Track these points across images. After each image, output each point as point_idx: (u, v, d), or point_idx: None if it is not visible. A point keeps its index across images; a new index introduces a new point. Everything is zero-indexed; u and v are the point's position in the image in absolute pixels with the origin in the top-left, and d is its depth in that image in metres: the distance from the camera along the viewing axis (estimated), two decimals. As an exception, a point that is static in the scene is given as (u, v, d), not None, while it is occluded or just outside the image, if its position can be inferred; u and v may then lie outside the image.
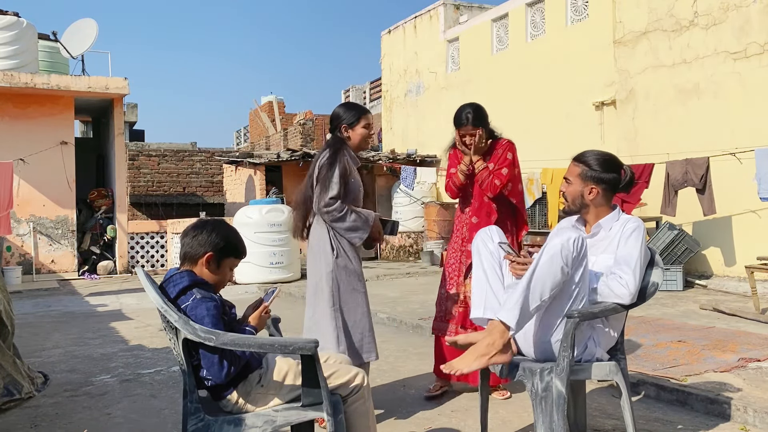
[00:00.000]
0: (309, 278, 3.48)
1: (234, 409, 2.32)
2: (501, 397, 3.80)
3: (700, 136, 8.18)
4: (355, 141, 3.48)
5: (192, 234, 2.40)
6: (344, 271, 3.38)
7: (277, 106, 21.64)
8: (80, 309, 7.83)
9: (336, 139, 3.49)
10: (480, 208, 3.83)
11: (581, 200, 2.78)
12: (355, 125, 3.46)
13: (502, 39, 12.32)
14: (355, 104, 3.62)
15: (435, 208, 12.34)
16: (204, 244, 2.38)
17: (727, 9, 7.95)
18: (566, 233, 2.46)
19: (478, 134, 3.67)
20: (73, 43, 12.23)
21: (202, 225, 2.44)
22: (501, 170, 3.70)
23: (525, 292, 2.41)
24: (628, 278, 2.58)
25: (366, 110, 3.56)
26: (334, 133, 3.51)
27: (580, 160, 2.80)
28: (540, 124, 10.80)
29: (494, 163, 3.73)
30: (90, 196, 12.62)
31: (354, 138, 3.47)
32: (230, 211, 14.34)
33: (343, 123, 3.46)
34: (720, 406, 3.41)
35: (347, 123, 3.46)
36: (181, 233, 2.49)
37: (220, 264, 2.41)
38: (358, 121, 3.46)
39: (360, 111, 3.51)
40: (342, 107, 3.54)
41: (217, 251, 2.39)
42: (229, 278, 2.51)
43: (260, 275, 9.78)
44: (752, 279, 6.01)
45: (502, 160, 3.73)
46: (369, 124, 3.52)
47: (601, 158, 2.78)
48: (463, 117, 3.70)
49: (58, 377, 4.53)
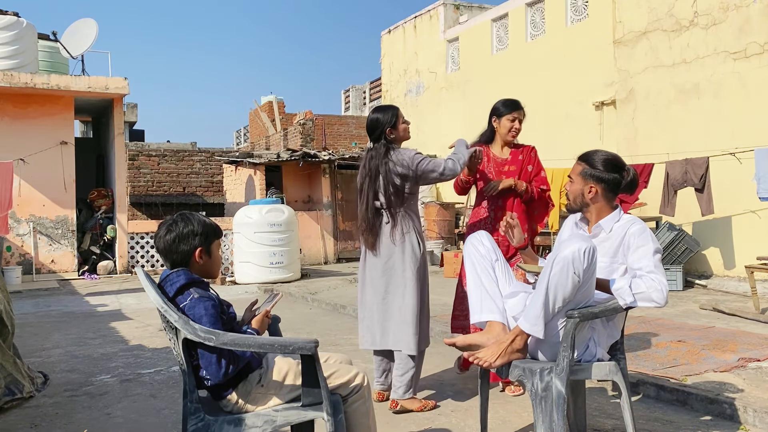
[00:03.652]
0: (384, 274, 3.66)
1: (234, 408, 2.32)
2: (512, 393, 3.85)
3: (699, 136, 8.18)
4: (401, 137, 3.75)
5: (168, 240, 2.35)
6: (425, 266, 3.75)
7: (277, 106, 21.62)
8: (80, 309, 7.83)
9: (387, 144, 3.70)
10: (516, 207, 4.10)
11: (582, 199, 2.79)
12: (396, 123, 3.72)
13: (502, 39, 12.32)
14: (386, 106, 3.85)
15: (435, 208, 12.34)
16: (186, 242, 2.36)
17: (727, 9, 7.95)
18: (576, 242, 2.45)
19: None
20: (73, 43, 12.24)
21: (170, 227, 2.38)
22: (540, 174, 4.14)
23: (545, 306, 2.47)
24: (662, 280, 2.57)
25: (396, 107, 3.84)
26: (380, 138, 3.71)
27: (583, 159, 2.82)
28: (540, 124, 10.79)
29: (532, 165, 4.12)
30: (90, 196, 12.62)
31: (398, 135, 3.74)
32: (230, 211, 14.34)
33: (387, 127, 3.69)
34: (720, 406, 3.41)
35: (390, 125, 3.70)
36: (155, 242, 2.43)
37: (210, 251, 2.42)
38: (397, 118, 3.72)
39: (393, 109, 3.78)
40: (376, 113, 3.77)
41: (203, 242, 2.38)
42: (220, 257, 2.51)
43: (260, 275, 9.78)
44: (752, 279, 6.02)
45: (537, 163, 4.16)
46: (402, 117, 3.80)
47: (604, 158, 2.78)
48: (518, 103, 4.13)
49: (58, 377, 4.53)
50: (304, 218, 12.21)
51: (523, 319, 2.53)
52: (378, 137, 3.71)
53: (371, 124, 3.74)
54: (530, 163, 4.10)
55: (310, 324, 6.56)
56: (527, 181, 4.06)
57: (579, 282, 2.45)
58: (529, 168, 4.10)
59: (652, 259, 2.61)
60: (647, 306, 2.57)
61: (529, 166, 4.09)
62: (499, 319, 2.70)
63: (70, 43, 12.26)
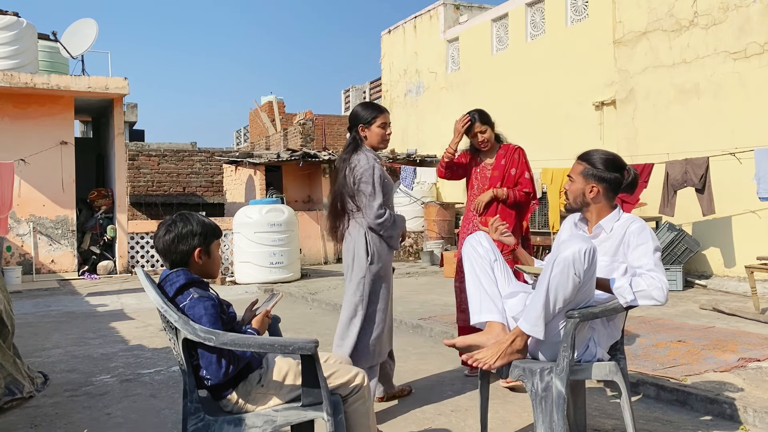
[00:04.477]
0: (345, 281, 3.56)
1: (234, 408, 2.32)
2: (506, 384, 3.89)
3: (699, 136, 8.18)
4: (372, 140, 3.50)
5: (167, 241, 2.35)
6: (376, 279, 3.46)
7: (277, 106, 21.62)
8: (80, 309, 7.83)
9: (354, 140, 3.53)
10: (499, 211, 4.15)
11: (582, 198, 2.79)
12: (371, 124, 3.48)
13: (502, 39, 12.32)
14: (373, 104, 3.64)
15: (435, 208, 12.34)
16: (185, 242, 2.36)
17: (727, 9, 7.95)
18: (577, 243, 2.45)
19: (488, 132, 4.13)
20: (72, 43, 12.23)
21: (169, 227, 2.37)
22: (524, 176, 4.16)
23: (545, 306, 2.47)
24: (662, 278, 2.57)
25: (383, 109, 3.56)
26: (352, 132, 3.54)
27: (584, 159, 2.81)
28: (540, 124, 10.80)
29: (515, 167, 4.15)
30: (90, 196, 12.62)
31: (371, 137, 3.50)
32: (230, 211, 14.34)
33: (360, 123, 3.49)
34: (720, 406, 3.41)
35: (363, 122, 3.48)
36: (155, 242, 2.42)
37: (209, 251, 2.41)
38: (374, 119, 3.48)
39: (376, 110, 3.53)
40: (360, 106, 3.58)
41: (201, 243, 2.38)
42: (219, 256, 2.51)
43: (260, 275, 9.77)
44: (752, 279, 6.02)
45: (520, 165, 4.18)
46: (385, 123, 3.53)
47: (605, 157, 2.78)
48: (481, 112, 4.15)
49: (58, 377, 4.53)
50: (304, 218, 12.21)
51: (524, 319, 2.53)
52: (350, 129, 3.57)
53: (350, 116, 3.60)
54: (513, 166, 4.16)
55: (310, 324, 6.56)
56: (512, 184, 4.14)
57: (579, 283, 2.45)
58: (513, 171, 4.16)
59: (652, 257, 2.61)
60: (648, 304, 2.58)
61: (513, 169, 4.15)
62: (498, 320, 2.70)
63: (70, 43, 12.26)
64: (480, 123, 4.11)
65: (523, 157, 4.21)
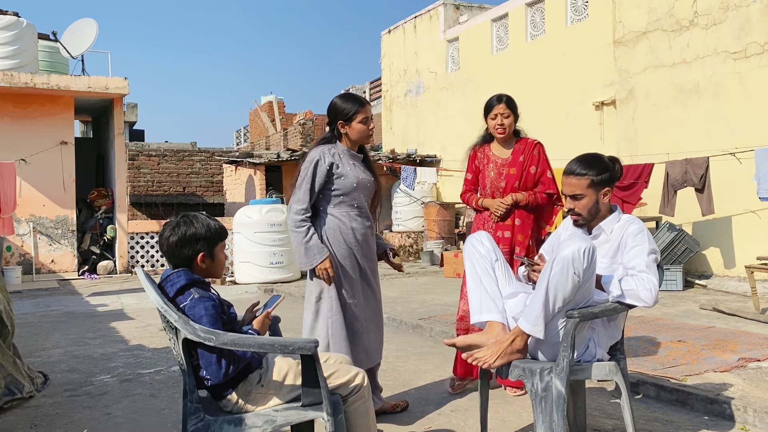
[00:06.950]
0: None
1: (234, 408, 2.32)
2: (514, 394, 3.83)
3: (699, 136, 8.18)
4: (353, 137, 3.28)
5: (171, 243, 2.35)
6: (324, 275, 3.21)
7: (277, 106, 21.63)
8: (80, 309, 7.83)
9: (325, 136, 3.34)
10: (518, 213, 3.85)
11: (596, 207, 2.76)
12: (352, 120, 3.24)
13: (502, 39, 12.32)
14: (352, 96, 3.35)
15: (435, 208, 12.34)
16: (189, 246, 2.35)
17: (727, 9, 7.95)
18: (576, 242, 2.46)
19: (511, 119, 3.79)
20: (72, 43, 12.23)
21: (174, 230, 2.36)
22: (545, 174, 3.82)
23: (545, 306, 2.47)
24: (653, 280, 2.58)
25: (364, 102, 3.29)
26: (332, 128, 3.31)
27: (579, 173, 2.74)
28: (540, 124, 10.77)
29: (535, 165, 3.81)
30: (90, 196, 12.62)
31: (352, 134, 3.27)
32: (230, 211, 14.34)
33: (339, 119, 3.25)
34: (720, 406, 3.41)
35: (343, 118, 3.24)
36: (159, 243, 2.42)
37: (213, 255, 2.41)
38: (355, 115, 3.23)
39: (357, 104, 3.25)
40: (339, 98, 3.30)
41: (205, 247, 2.38)
42: (224, 258, 2.50)
43: (260, 275, 9.77)
44: (752, 279, 6.02)
45: (541, 162, 3.84)
46: (367, 117, 3.27)
47: (593, 161, 2.77)
48: (503, 97, 3.82)
49: (58, 377, 4.53)
50: (304, 218, 12.18)
51: (523, 319, 2.53)
52: (329, 124, 3.31)
53: (329, 109, 3.30)
54: (533, 163, 3.78)
55: (310, 324, 6.55)
56: (532, 183, 3.79)
57: (579, 282, 2.45)
58: (532, 170, 3.79)
59: (645, 259, 2.62)
60: (635, 304, 2.59)
61: (532, 167, 3.79)
62: (498, 319, 2.70)
63: (70, 43, 12.26)
64: (505, 106, 3.76)
65: (543, 154, 3.83)
